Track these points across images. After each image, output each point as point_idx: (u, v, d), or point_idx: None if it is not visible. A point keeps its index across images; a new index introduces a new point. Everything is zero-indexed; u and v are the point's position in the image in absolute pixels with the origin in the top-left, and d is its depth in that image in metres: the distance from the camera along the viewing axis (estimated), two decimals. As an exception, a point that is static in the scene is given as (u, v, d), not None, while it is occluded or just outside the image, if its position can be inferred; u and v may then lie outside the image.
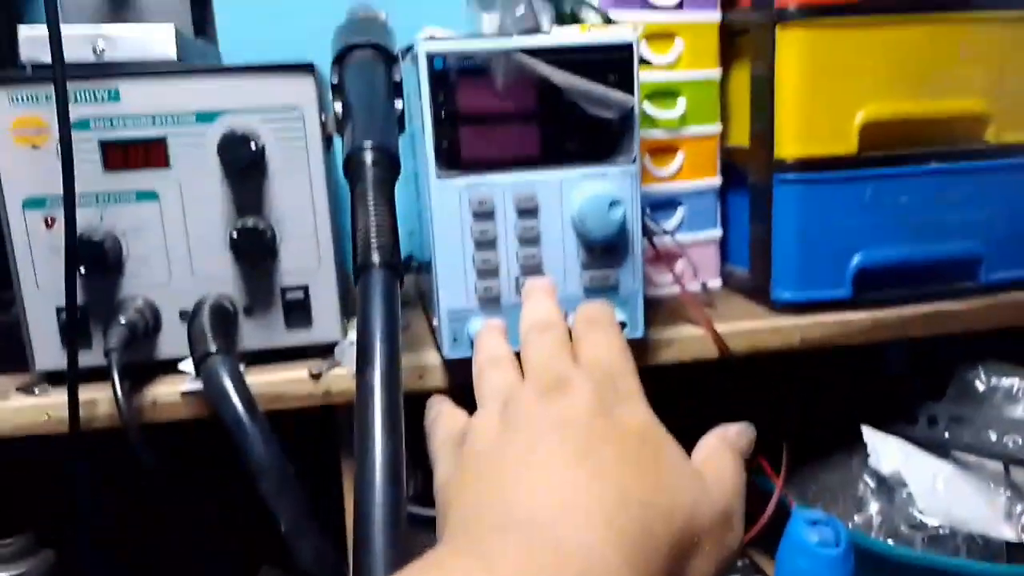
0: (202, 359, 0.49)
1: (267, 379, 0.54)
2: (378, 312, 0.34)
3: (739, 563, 0.69)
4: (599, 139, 0.53)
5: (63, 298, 0.49)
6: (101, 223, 0.52)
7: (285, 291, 0.56)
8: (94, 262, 0.51)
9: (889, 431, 0.67)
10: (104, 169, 0.52)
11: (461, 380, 0.41)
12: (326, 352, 0.57)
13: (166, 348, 0.55)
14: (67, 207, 0.48)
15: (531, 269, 0.53)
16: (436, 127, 0.51)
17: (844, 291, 0.63)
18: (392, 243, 0.36)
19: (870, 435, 0.66)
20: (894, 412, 0.68)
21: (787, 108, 0.61)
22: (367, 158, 0.39)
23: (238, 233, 0.53)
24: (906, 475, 0.63)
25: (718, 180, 0.70)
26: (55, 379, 0.54)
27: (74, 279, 0.49)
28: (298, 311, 0.56)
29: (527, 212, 0.53)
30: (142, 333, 0.52)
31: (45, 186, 0.51)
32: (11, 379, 0.56)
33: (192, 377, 0.52)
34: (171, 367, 0.54)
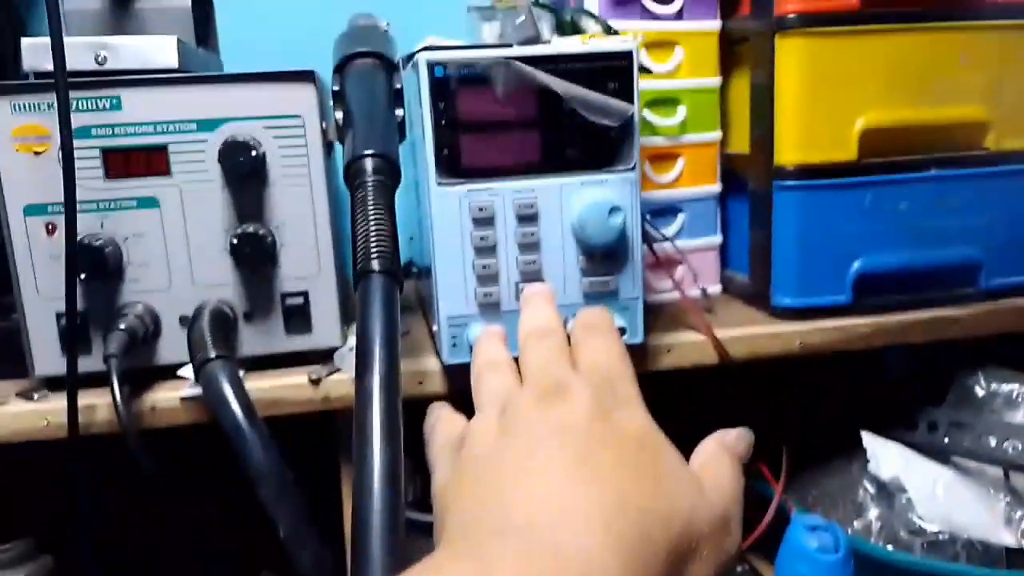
0: (202, 365, 0.49)
1: (267, 384, 0.54)
2: (377, 318, 0.34)
3: (739, 568, 0.68)
4: (599, 146, 0.53)
5: (63, 304, 0.49)
6: (102, 230, 0.53)
7: (285, 297, 0.56)
8: (94, 268, 0.51)
9: (889, 436, 0.67)
10: (105, 176, 0.52)
11: (460, 386, 0.41)
12: (326, 358, 0.57)
13: (166, 354, 0.55)
14: (68, 214, 0.48)
15: (531, 275, 0.53)
16: (436, 135, 0.51)
17: (844, 297, 0.63)
18: (392, 250, 0.37)
19: (870, 440, 0.66)
20: (894, 417, 0.68)
21: (787, 115, 0.61)
22: (368, 166, 0.40)
23: (238, 239, 0.53)
24: (906, 480, 0.63)
25: (718, 187, 0.70)
26: (55, 385, 0.54)
27: (74, 285, 0.49)
28: (298, 317, 0.56)
29: (527, 218, 0.53)
30: (142, 339, 0.53)
31: (46, 193, 0.51)
32: (11, 384, 0.56)
33: (191, 383, 0.52)
34: (171, 373, 0.55)
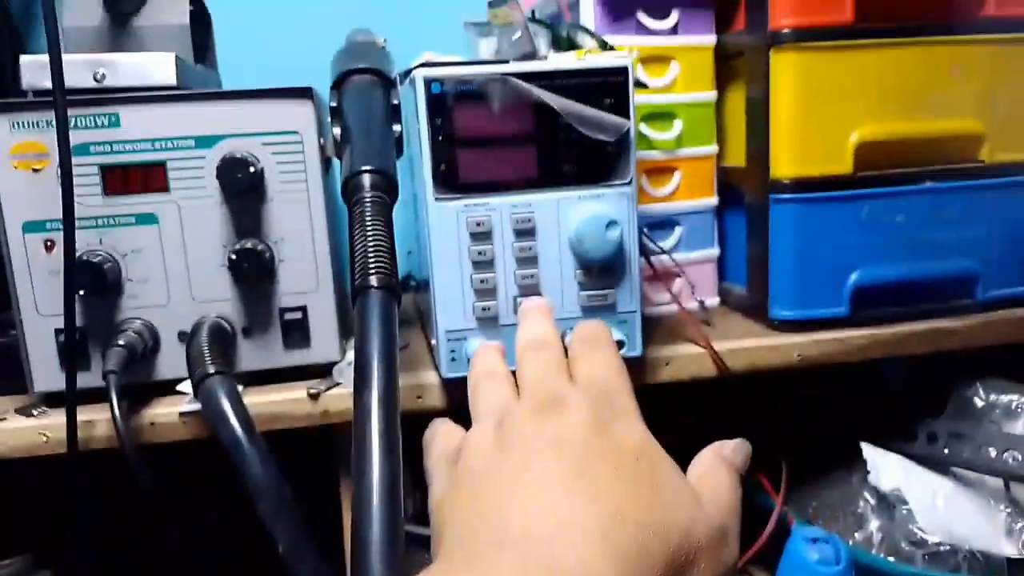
0: (200, 380, 0.49)
1: (265, 399, 0.54)
2: (376, 334, 0.34)
3: (739, 582, 0.68)
4: (596, 161, 0.53)
5: (62, 320, 0.49)
6: (101, 246, 0.53)
7: (283, 312, 0.56)
8: (93, 284, 0.51)
9: (888, 448, 0.67)
10: (104, 193, 0.52)
11: (459, 400, 0.41)
12: (324, 372, 0.57)
13: (165, 369, 0.55)
14: (66, 230, 0.48)
15: (529, 289, 0.54)
16: (434, 150, 0.51)
17: (842, 309, 0.63)
18: (390, 266, 0.37)
19: (870, 452, 0.66)
20: (893, 429, 0.68)
21: (782, 129, 0.62)
22: (365, 181, 0.40)
23: (236, 254, 0.53)
24: (906, 492, 0.63)
25: (715, 200, 0.70)
26: (54, 400, 0.54)
27: (73, 301, 0.49)
28: (296, 332, 0.56)
29: (524, 233, 0.53)
30: (141, 354, 0.53)
31: (45, 210, 0.52)
32: (10, 401, 0.56)
33: (190, 398, 0.52)
34: (169, 388, 0.55)
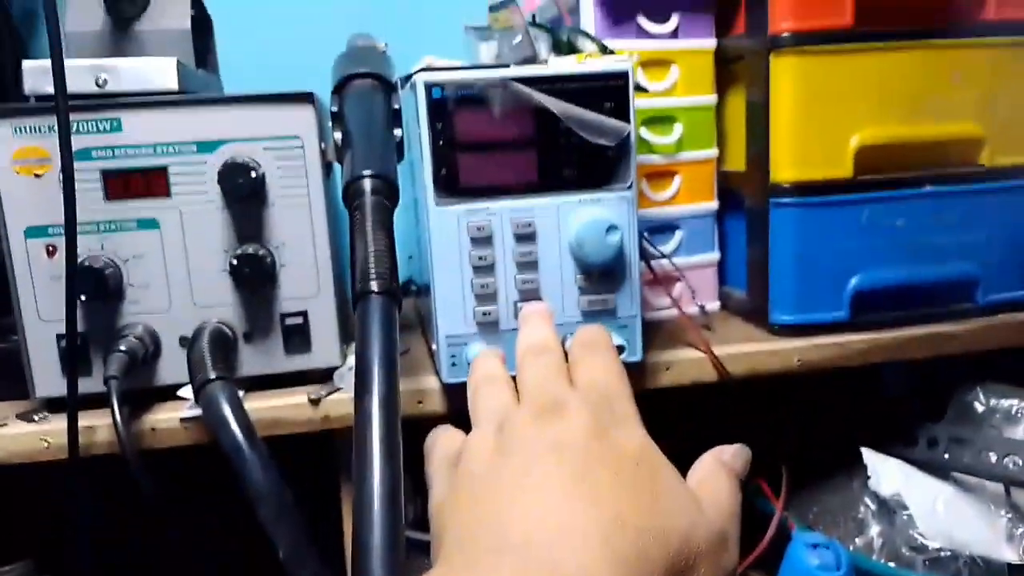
0: (201, 385, 0.50)
1: (266, 404, 0.54)
2: (376, 339, 0.34)
3: (740, 586, 0.68)
4: (596, 165, 0.53)
5: (64, 325, 0.49)
6: (102, 251, 0.53)
7: (284, 317, 0.56)
8: (94, 290, 0.51)
9: (889, 453, 0.67)
10: (105, 198, 0.52)
11: (460, 405, 0.41)
12: (325, 377, 0.57)
13: (166, 374, 0.55)
14: (68, 236, 0.48)
15: (529, 294, 0.54)
16: (435, 155, 0.51)
17: (842, 313, 0.63)
18: (390, 271, 0.37)
19: (870, 457, 0.66)
20: (894, 433, 0.68)
21: (782, 133, 0.62)
22: (366, 186, 0.40)
23: (238, 259, 0.53)
24: (906, 497, 0.63)
25: (715, 204, 0.71)
26: (55, 406, 0.54)
27: (74, 307, 0.49)
28: (297, 337, 0.56)
29: (525, 237, 0.53)
30: (142, 360, 0.53)
31: (47, 215, 0.52)
32: (11, 406, 0.56)
33: (191, 403, 0.52)
34: (171, 393, 0.55)
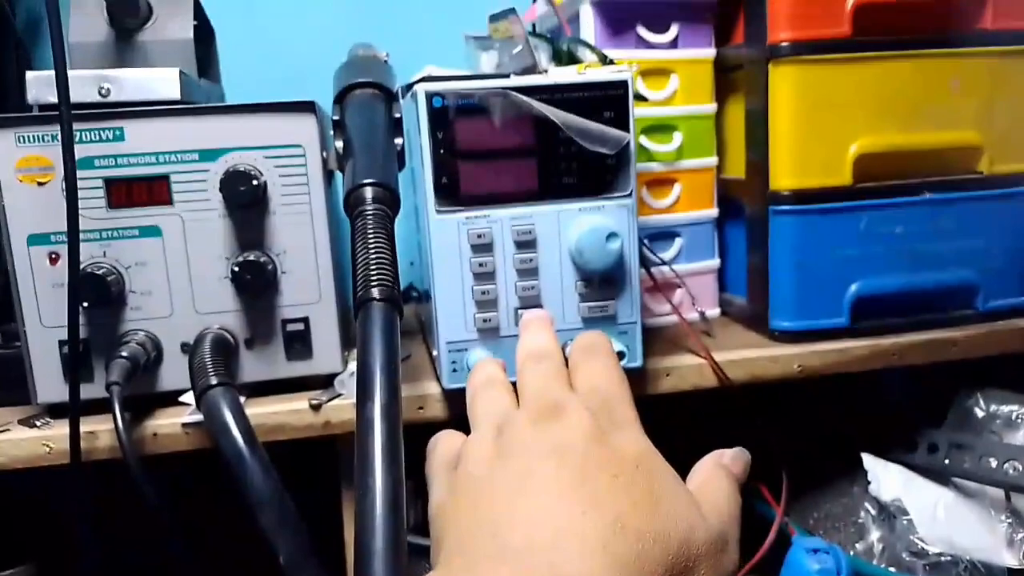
0: (203, 391, 0.50)
1: (267, 410, 0.54)
2: (378, 346, 0.35)
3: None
4: (596, 174, 0.53)
5: (66, 332, 0.50)
6: (104, 258, 0.53)
7: (286, 323, 0.56)
8: (97, 296, 0.51)
9: (889, 458, 0.67)
10: (108, 206, 0.53)
11: (460, 411, 0.41)
12: (326, 383, 0.57)
13: (167, 380, 0.55)
14: (71, 243, 0.48)
15: (530, 301, 0.54)
16: (435, 163, 0.51)
17: (842, 320, 0.63)
18: (392, 278, 0.37)
19: (870, 462, 0.66)
20: (894, 439, 0.68)
21: (781, 141, 0.62)
22: (367, 194, 0.40)
23: (239, 266, 0.53)
24: (907, 502, 0.63)
25: (715, 211, 0.71)
26: (57, 412, 0.55)
27: (77, 313, 0.49)
28: (299, 343, 0.56)
29: (525, 244, 0.53)
30: (143, 366, 0.53)
31: (49, 223, 0.52)
32: (13, 412, 0.56)
33: (193, 409, 0.52)
34: (172, 399, 0.55)
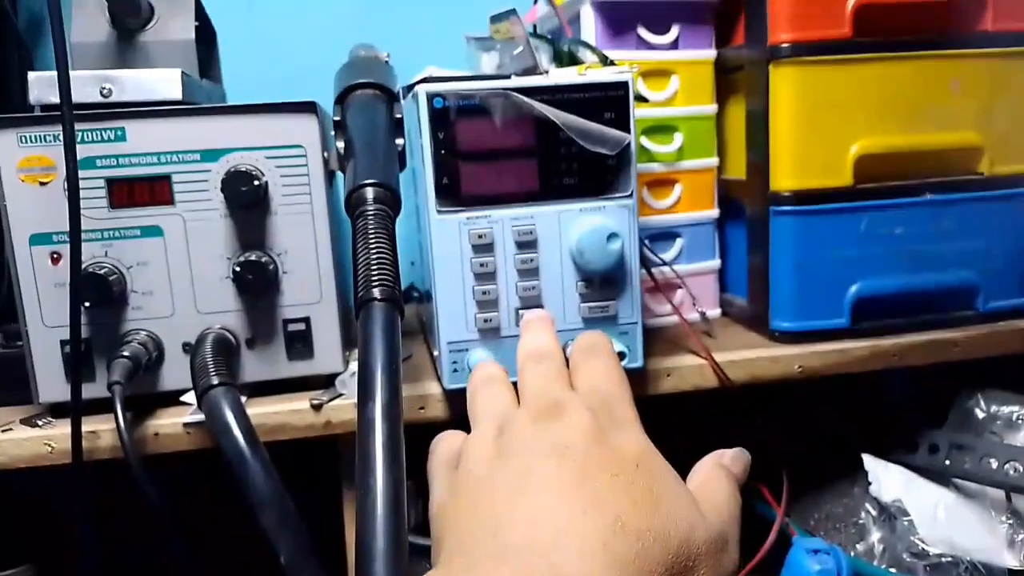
0: (204, 391, 0.50)
1: (269, 410, 0.54)
2: (379, 346, 0.35)
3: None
4: (597, 174, 0.53)
5: (68, 331, 0.50)
6: (106, 258, 0.53)
7: (287, 323, 0.56)
8: (98, 296, 0.52)
9: (890, 459, 0.67)
10: (110, 206, 0.53)
11: (461, 411, 0.42)
12: (327, 383, 0.57)
13: (169, 380, 0.55)
14: (73, 243, 0.48)
15: (530, 301, 0.54)
16: (436, 164, 0.51)
17: (842, 320, 0.63)
18: (393, 278, 0.37)
19: (871, 463, 0.66)
20: (894, 440, 0.68)
21: (782, 142, 0.62)
22: (368, 195, 0.40)
23: (240, 266, 0.53)
24: (907, 503, 0.63)
25: (716, 212, 0.71)
26: (59, 411, 0.55)
27: (79, 313, 0.50)
28: (300, 343, 0.57)
29: (526, 245, 0.53)
30: (145, 366, 0.53)
31: (51, 223, 0.52)
32: (15, 411, 0.56)
33: (194, 409, 0.52)
34: (174, 399, 0.55)
